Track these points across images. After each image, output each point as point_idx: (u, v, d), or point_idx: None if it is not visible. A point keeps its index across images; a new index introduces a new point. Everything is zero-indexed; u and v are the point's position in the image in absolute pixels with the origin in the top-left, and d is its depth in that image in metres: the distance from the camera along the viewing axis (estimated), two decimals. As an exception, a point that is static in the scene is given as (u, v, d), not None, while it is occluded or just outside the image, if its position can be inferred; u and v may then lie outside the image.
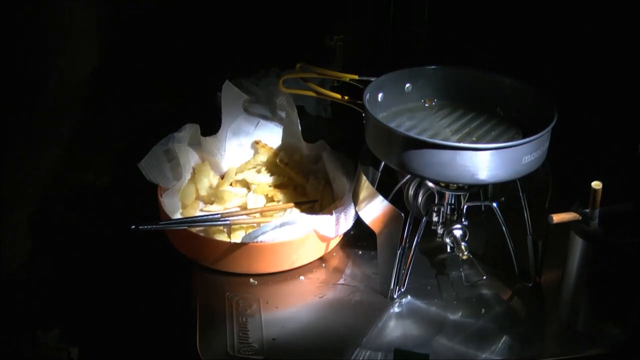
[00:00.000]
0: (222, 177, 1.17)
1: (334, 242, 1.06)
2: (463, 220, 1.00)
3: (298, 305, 0.97)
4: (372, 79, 1.00)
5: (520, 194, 0.97)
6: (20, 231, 1.06)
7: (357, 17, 1.32)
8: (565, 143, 0.97)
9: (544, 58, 1.18)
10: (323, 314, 0.94)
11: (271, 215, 1.08)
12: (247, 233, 1.01)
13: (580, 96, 1.12)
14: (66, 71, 1.13)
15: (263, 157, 1.17)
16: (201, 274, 1.00)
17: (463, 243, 0.98)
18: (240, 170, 1.16)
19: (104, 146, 1.24)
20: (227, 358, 0.87)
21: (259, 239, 0.98)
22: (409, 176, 1.03)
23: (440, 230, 1.01)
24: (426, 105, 1.05)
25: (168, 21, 1.30)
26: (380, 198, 0.94)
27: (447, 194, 0.98)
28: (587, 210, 0.87)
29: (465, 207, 1.00)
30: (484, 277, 1.00)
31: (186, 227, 1.01)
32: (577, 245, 0.88)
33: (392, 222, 0.93)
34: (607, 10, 1.09)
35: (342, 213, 1.02)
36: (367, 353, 0.89)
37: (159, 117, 1.31)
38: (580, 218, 0.88)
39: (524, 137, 0.92)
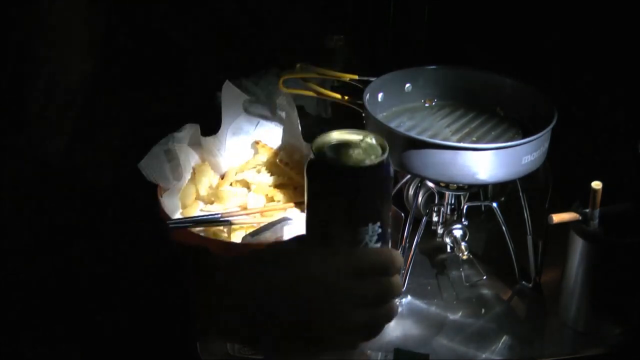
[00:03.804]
0: (222, 177, 1.17)
1: (334, 242, 1.06)
2: (463, 220, 1.00)
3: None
4: (372, 79, 1.00)
5: (520, 194, 0.97)
6: (20, 231, 1.06)
7: (357, 17, 1.32)
8: (565, 143, 0.97)
9: (544, 58, 1.18)
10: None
11: (271, 215, 1.08)
12: (247, 233, 1.01)
13: (580, 96, 1.12)
14: (65, 71, 1.13)
15: (263, 157, 1.17)
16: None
17: (463, 243, 0.98)
18: (240, 170, 1.16)
19: (104, 146, 1.24)
20: (227, 358, 0.87)
21: (259, 238, 0.98)
22: (409, 176, 1.03)
23: (440, 230, 1.01)
24: (426, 105, 1.05)
25: (168, 21, 1.30)
26: (380, 198, 0.94)
27: (447, 194, 0.98)
28: (587, 210, 0.88)
29: (465, 207, 1.00)
30: (484, 277, 1.00)
31: (186, 227, 1.01)
32: (577, 245, 0.88)
33: (392, 222, 0.93)
34: (607, 10, 1.09)
35: (342, 213, 1.02)
36: (367, 353, 0.89)
37: (159, 117, 1.30)
38: (580, 218, 0.88)
39: (524, 137, 0.92)
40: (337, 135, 0.76)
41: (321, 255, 0.72)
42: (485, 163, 0.87)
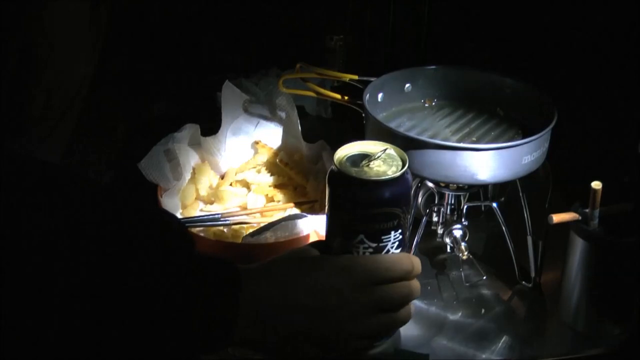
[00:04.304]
0: (222, 177, 1.17)
1: (334, 242, 1.06)
2: (463, 220, 1.00)
3: (298, 305, 0.97)
4: (372, 79, 1.00)
5: (520, 194, 0.97)
6: (19, 231, 1.06)
7: (357, 17, 1.32)
8: (565, 143, 0.97)
9: (545, 58, 1.18)
10: (323, 314, 0.94)
11: (271, 215, 1.08)
12: (247, 233, 1.01)
13: (580, 96, 1.12)
14: (65, 71, 1.13)
15: (263, 157, 1.17)
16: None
17: (463, 243, 0.98)
18: (240, 170, 1.16)
19: (104, 146, 1.24)
20: (227, 358, 0.87)
21: (259, 238, 0.98)
22: (409, 176, 1.02)
23: (440, 230, 1.01)
24: (426, 105, 1.05)
25: (168, 21, 1.30)
26: (380, 198, 0.93)
27: (447, 194, 0.98)
28: (587, 210, 0.88)
29: (465, 207, 1.00)
30: (484, 277, 1.00)
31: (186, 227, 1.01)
32: (577, 245, 0.88)
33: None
34: (607, 10, 1.09)
35: (342, 213, 1.02)
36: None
37: (159, 117, 1.31)
38: (580, 218, 0.88)
39: (524, 137, 0.92)
40: (358, 147, 0.77)
41: (344, 262, 0.73)
42: (485, 163, 0.87)
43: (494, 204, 0.98)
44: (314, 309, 0.70)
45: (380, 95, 1.01)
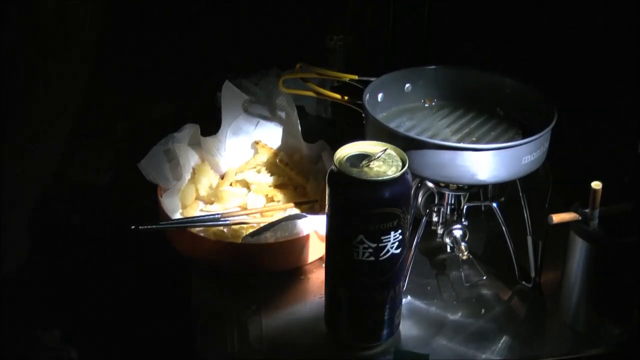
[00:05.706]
0: (222, 177, 1.17)
1: (334, 242, 1.06)
2: (463, 220, 1.00)
3: (298, 304, 0.97)
4: (372, 79, 1.00)
5: (520, 194, 0.97)
6: (20, 231, 1.06)
7: (357, 17, 1.32)
8: (565, 143, 0.97)
9: (544, 58, 1.18)
10: (323, 313, 0.94)
11: (271, 215, 1.08)
12: (247, 233, 1.01)
13: (580, 96, 1.12)
14: (65, 71, 1.13)
15: (263, 157, 1.17)
16: (201, 274, 1.00)
17: (463, 243, 0.98)
18: (240, 170, 1.16)
19: (104, 146, 1.24)
20: (227, 358, 0.87)
21: (259, 238, 0.98)
22: (408, 176, 1.03)
23: (440, 231, 1.01)
24: (426, 105, 1.05)
25: (168, 21, 1.30)
26: (380, 198, 0.93)
27: (447, 194, 0.98)
28: (587, 210, 0.88)
29: (465, 207, 1.00)
30: (484, 277, 1.00)
31: (186, 227, 1.01)
32: (577, 245, 0.88)
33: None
34: (607, 10, 1.09)
35: (342, 213, 1.02)
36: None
37: (159, 117, 1.31)
38: (580, 218, 0.88)
39: (524, 137, 0.92)
40: (358, 147, 0.77)
41: None
42: (485, 163, 0.87)
43: (494, 204, 0.98)
44: None
45: (380, 95, 1.01)
